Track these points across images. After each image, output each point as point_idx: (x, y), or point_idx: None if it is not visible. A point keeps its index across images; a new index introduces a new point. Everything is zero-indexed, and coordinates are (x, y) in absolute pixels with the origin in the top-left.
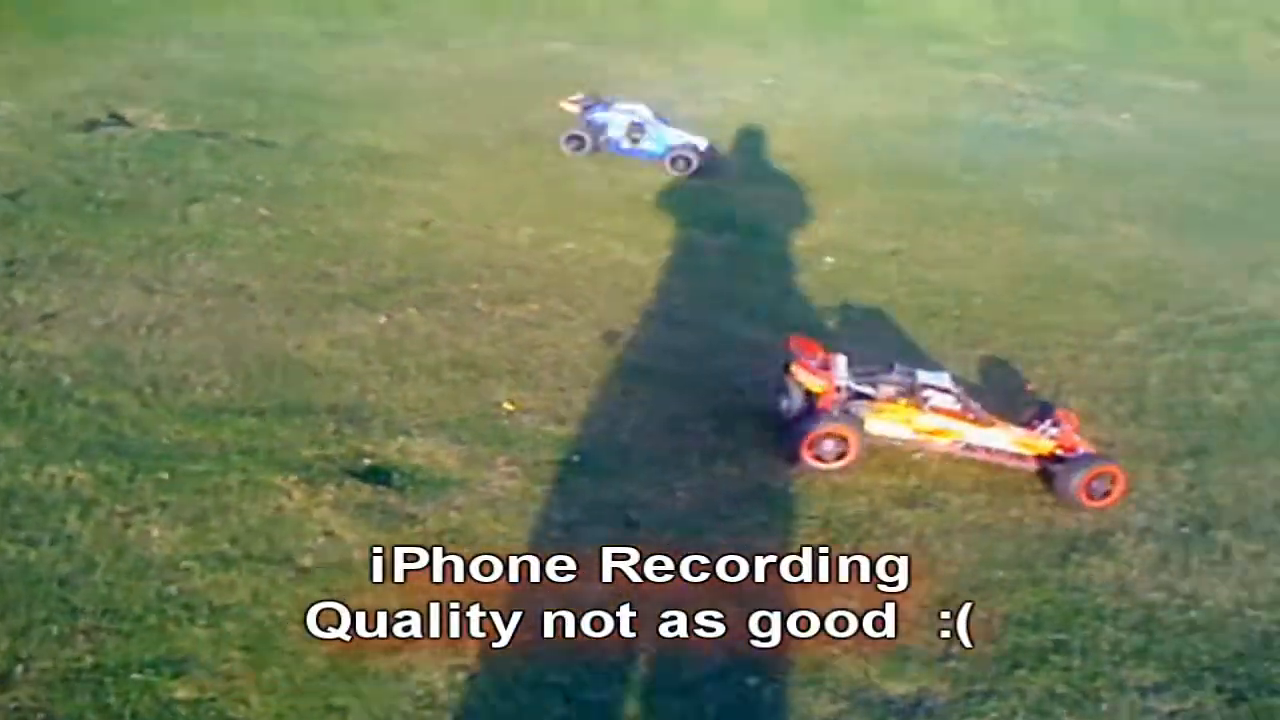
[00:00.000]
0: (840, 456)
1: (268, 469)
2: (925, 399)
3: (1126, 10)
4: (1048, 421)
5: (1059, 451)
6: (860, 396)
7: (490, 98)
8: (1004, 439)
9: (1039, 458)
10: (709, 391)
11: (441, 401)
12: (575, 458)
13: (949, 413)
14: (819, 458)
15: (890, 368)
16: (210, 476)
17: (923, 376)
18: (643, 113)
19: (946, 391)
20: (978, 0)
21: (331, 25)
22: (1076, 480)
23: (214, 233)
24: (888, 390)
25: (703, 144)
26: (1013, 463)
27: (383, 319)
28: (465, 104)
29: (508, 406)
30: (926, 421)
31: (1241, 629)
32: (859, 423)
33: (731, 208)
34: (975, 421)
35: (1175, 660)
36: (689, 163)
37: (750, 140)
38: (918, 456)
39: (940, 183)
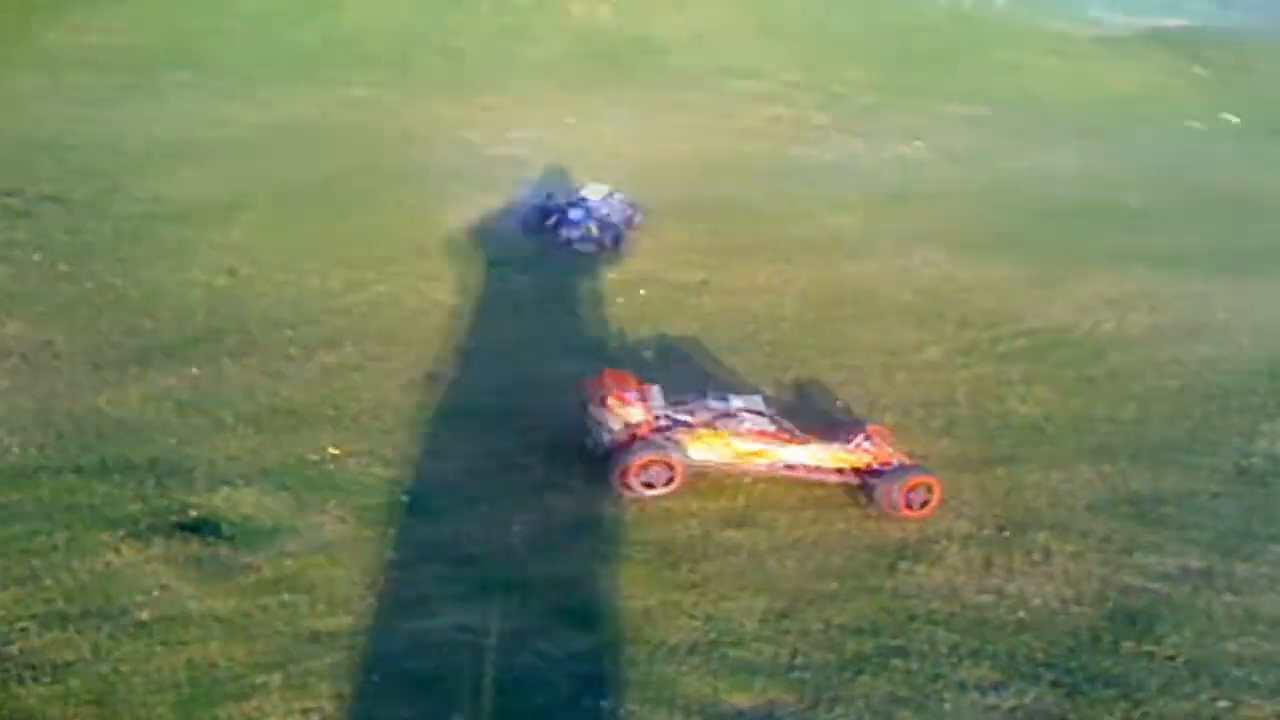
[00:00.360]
0: (668, 482)
1: (94, 526)
2: (741, 422)
3: (915, 44)
4: (860, 436)
5: (876, 465)
6: (678, 424)
7: (292, 144)
8: (822, 456)
9: (858, 472)
10: (532, 427)
11: (264, 450)
12: (404, 498)
13: (765, 435)
14: (647, 484)
15: (703, 394)
16: (35, 536)
17: (736, 402)
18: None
19: (760, 414)
20: (773, 39)
21: (126, 78)
22: (895, 491)
23: (14, 291)
24: (704, 416)
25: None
26: (834, 478)
27: (195, 370)
28: (267, 151)
29: (333, 451)
30: (745, 445)
31: (1069, 626)
32: (682, 449)
33: (541, 247)
34: (791, 441)
35: (1009, 659)
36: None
37: (555, 179)
38: (746, 480)
39: (744, 215)
